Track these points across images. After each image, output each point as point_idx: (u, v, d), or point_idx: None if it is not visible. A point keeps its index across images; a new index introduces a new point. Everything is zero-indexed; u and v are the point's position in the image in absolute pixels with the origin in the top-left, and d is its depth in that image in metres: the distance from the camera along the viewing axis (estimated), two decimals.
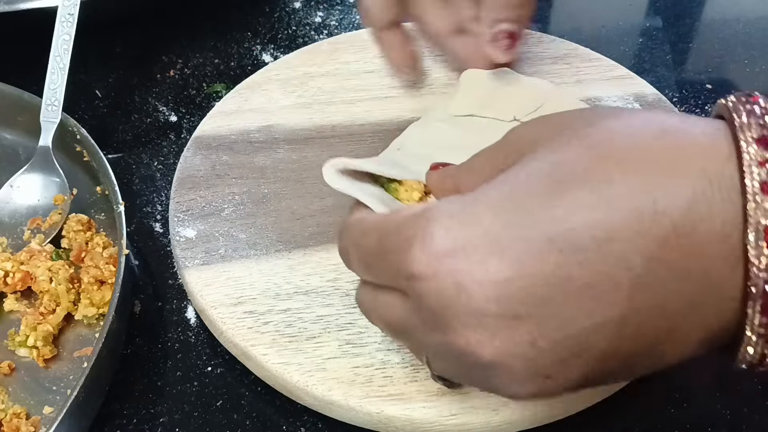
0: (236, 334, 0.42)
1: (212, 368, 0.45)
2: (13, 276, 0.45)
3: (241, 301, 0.43)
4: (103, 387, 0.42)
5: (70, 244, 0.47)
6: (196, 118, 0.58)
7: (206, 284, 0.44)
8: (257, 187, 0.49)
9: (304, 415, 0.42)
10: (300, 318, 0.43)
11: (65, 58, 0.52)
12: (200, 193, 0.49)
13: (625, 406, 0.42)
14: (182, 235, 0.47)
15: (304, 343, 0.41)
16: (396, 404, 0.39)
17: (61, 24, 0.53)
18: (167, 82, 0.61)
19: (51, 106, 0.51)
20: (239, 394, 0.44)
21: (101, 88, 0.61)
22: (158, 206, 0.53)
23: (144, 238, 0.51)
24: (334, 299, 0.43)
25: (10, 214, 0.50)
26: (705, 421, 0.42)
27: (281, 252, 0.46)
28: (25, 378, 0.44)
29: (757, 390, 0.43)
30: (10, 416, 0.41)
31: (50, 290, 0.45)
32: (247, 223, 0.47)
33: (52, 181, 0.51)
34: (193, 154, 0.51)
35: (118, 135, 0.58)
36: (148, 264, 0.50)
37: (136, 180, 0.54)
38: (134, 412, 0.43)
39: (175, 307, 0.47)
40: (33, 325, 0.44)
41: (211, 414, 0.43)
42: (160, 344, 0.46)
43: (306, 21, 0.65)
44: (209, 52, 0.63)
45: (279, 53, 0.62)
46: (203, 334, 0.46)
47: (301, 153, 0.51)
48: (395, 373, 0.40)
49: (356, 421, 0.40)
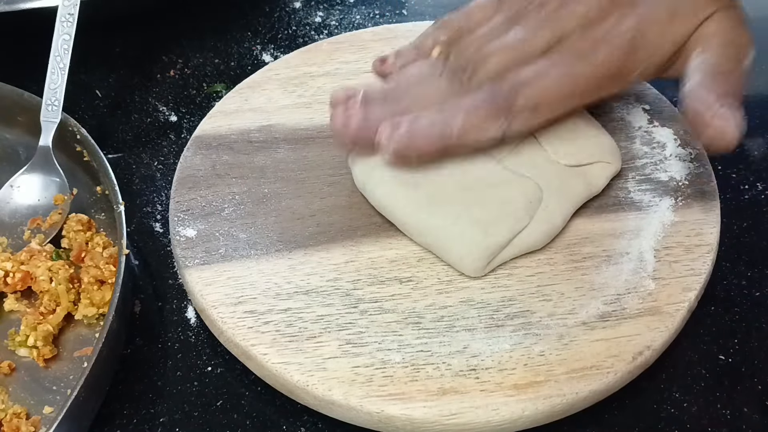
0: (236, 333, 0.42)
1: (212, 368, 0.45)
2: (13, 276, 0.45)
3: (241, 301, 0.43)
4: (103, 387, 0.42)
5: (70, 244, 0.47)
6: (196, 118, 0.58)
7: (206, 284, 0.44)
8: (257, 186, 0.49)
9: (304, 415, 0.42)
10: (300, 318, 0.43)
11: (65, 58, 0.52)
12: (200, 193, 0.49)
13: (625, 406, 0.42)
14: (182, 235, 0.47)
15: (304, 343, 0.41)
16: (396, 404, 0.39)
17: (61, 24, 0.53)
18: (167, 82, 0.61)
19: (51, 106, 0.51)
20: (239, 394, 0.44)
21: (101, 88, 0.61)
22: (158, 206, 0.53)
23: (144, 238, 0.51)
24: (335, 299, 0.43)
25: (10, 214, 0.50)
26: (705, 421, 0.42)
27: (281, 252, 0.46)
28: (25, 378, 0.44)
29: (757, 390, 0.43)
30: (10, 416, 0.41)
31: (50, 290, 0.45)
32: (248, 222, 0.47)
33: (52, 181, 0.51)
34: (193, 154, 0.51)
35: (118, 135, 0.58)
36: (148, 264, 0.50)
37: (136, 180, 0.54)
38: (134, 412, 0.43)
39: (175, 307, 0.47)
40: (33, 325, 0.44)
41: (211, 414, 0.43)
42: (160, 344, 0.46)
43: (306, 21, 0.65)
44: (209, 52, 0.63)
45: (279, 53, 0.62)
46: (203, 334, 0.46)
47: (301, 153, 0.51)
48: (395, 372, 0.40)
49: (356, 420, 0.40)
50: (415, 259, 0.45)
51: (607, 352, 0.40)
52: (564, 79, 0.43)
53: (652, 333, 0.41)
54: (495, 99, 0.43)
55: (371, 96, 0.46)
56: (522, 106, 0.43)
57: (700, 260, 0.44)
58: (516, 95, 0.43)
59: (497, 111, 0.43)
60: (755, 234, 0.50)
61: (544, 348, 0.41)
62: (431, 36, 0.49)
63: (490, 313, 0.42)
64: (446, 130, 0.43)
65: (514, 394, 0.39)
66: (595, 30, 0.44)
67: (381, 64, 0.50)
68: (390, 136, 0.43)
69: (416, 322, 0.42)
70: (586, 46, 0.44)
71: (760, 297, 0.47)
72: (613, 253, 0.45)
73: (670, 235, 0.45)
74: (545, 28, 0.44)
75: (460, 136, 0.43)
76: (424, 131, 0.43)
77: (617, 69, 0.44)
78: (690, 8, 0.44)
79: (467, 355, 0.41)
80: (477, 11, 0.49)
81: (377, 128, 0.44)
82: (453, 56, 0.46)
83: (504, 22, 0.46)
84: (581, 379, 0.40)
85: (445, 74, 0.45)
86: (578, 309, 0.42)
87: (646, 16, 0.44)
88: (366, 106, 0.45)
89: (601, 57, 0.43)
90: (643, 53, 0.44)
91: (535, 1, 0.46)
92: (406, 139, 0.43)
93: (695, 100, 0.42)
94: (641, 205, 0.47)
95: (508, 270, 0.44)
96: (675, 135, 0.51)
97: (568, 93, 0.44)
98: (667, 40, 0.44)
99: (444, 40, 0.48)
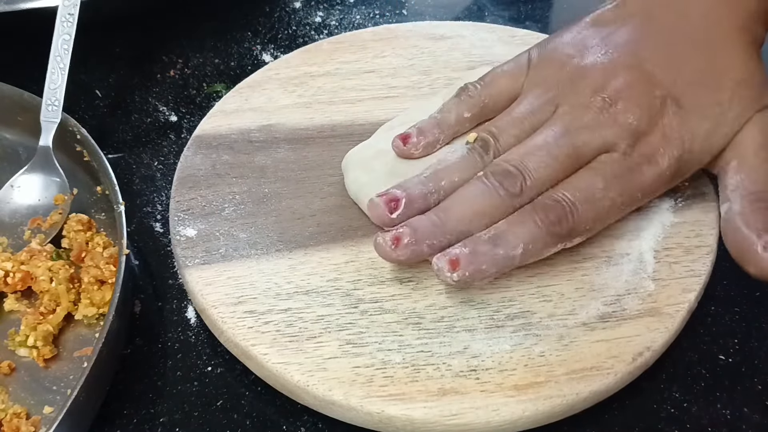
0: (237, 333, 0.42)
1: (212, 368, 0.45)
2: (13, 276, 0.45)
3: (241, 301, 0.43)
4: (103, 387, 0.42)
5: (71, 243, 0.47)
6: (196, 117, 0.58)
7: (207, 284, 0.44)
8: (258, 186, 0.49)
9: (304, 415, 0.43)
10: (300, 318, 0.43)
11: (65, 58, 0.52)
12: (201, 193, 0.49)
13: (625, 406, 0.42)
14: (183, 235, 0.47)
15: (304, 343, 0.41)
16: (397, 404, 0.39)
17: (61, 24, 0.53)
18: (167, 82, 0.61)
19: (51, 106, 0.51)
20: (239, 394, 0.44)
21: (101, 88, 0.61)
22: (158, 206, 0.53)
23: (144, 238, 0.51)
24: (335, 299, 0.43)
25: (11, 214, 0.50)
26: (705, 421, 0.42)
27: (282, 251, 0.46)
28: (25, 378, 0.44)
29: (757, 390, 0.43)
30: (10, 416, 0.41)
31: (50, 290, 0.45)
32: (248, 222, 0.47)
33: (53, 181, 0.51)
34: (193, 154, 0.51)
35: (118, 135, 0.58)
36: (148, 264, 0.50)
37: (136, 180, 0.54)
38: (134, 412, 0.43)
39: (175, 307, 0.47)
40: (33, 325, 0.44)
41: (211, 414, 0.43)
42: (160, 344, 0.46)
43: (306, 21, 0.65)
44: (209, 52, 0.63)
45: (279, 53, 0.62)
46: (203, 334, 0.46)
47: (301, 153, 0.51)
48: (396, 372, 0.40)
49: (357, 421, 0.40)
50: None
51: (607, 353, 0.40)
52: (618, 199, 0.43)
53: (652, 334, 0.41)
54: (553, 229, 0.41)
55: (414, 202, 0.44)
56: (580, 231, 0.42)
57: (700, 261, 0.44)
58: (573, 221, 0.42)
59: (556, 239, 0.42)
60: None
61: (544, 348, 0.41)
62: (453, 111, 0.48)
63: (490, 313, 0.42)
64: (507, 263, 0.41)
65: (515, 395, 0.39)
66: (643, 146, 0.43)
67: (404, 144, 0.47)
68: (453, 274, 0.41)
69: (416, 323, 0.42)
70: (635, 163, 0.43)
71: (760, 297, 0.47)
72: (613, 254, 0.45)
73: (670, 236, 0.45)
74: (594, 135, 0.43)
75: (522, 261, 0.42)
76: (488, 263, 0.41)
77: (665, 185, 0.44)
78: (735, 117, 0.44)
79: (467, 356, 0.41)
80: (502, 82, 0.48)
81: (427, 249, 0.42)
82: (492, 151, 0.45)
83: (539, 109, 0.45)
84: (581, 379, 0.40)
85: (490, 181, 0.43)
86: (578, 310, 0.42)
87: (694, 129, 0.43)
88: (412, 223, 0.42)
89: (651, 176, 0.43)
90: (688, 167, 0.44)
91: (576, 88, 0.45)
92: (470, 274, 0.41)
93: (736, 234, 0.42)
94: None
95: None
96: None
97: (620, 211, 0.44)
98: (710, 153, 0.44)
99: (468, 117, 0.48)
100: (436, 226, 0.42)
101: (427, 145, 0.47)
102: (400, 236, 0.42)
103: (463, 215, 0.42)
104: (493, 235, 0.41)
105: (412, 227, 0.42)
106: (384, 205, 0.44)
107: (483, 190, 0.43)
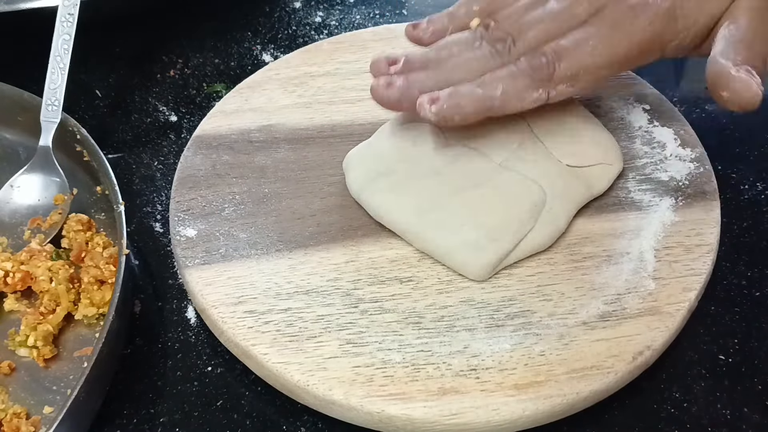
0: (237, 333, 0.42)
1: (212, 368, 0.45)
2: (13, 276, 0.45)
3: (241, 301, 0.43)
4: (103, 387, 0.42)
5: (70, 243, 0.47)
6: (196, 117, 0.58)
7: (207, 284, 0.44)
8: (258, 186, 0.49)
9: (304, 414, 0.42)
10: (300, 317, 0.43)
11: (65, 58, 0.52)
12: (201, 193, 0.49)
13: (625, 406, 0.42)
14: (183, 235, 0.46)
15: (304, 343, 0.41)
16: (397, 404, 0.39)
17: (61, 24, 0.53)
18: (167, 82, 0.61)
19: (51, 106, 0.51)
20: (239, 394, 0.44)
21: (101, 88, 0.61)
22: (158, 206, 0.53)
23: (144, 238, 0.51)
24: (335, 299, 0.43)
25: (11, 214, 0.50)
26: (705, 421, 0.42)
27: (282, 251, 0.46)
28: (25, 378, 0.44)
29: (757, 390, 0.43)
30: (10, 416, 0.41)
31: (50, 290, 0.45)
32: (248, 222, 0.47)
33: (53, 181, 0.51)
34: (193, 154, 0.51)
35: (118, 135, 0.58)
36: (148, 264, 0.50)
37: (136, 180, 0.54)
38: (134, 412, 0.43)
39: (175, 307, 0.47)
40: (33, 325, 0.44)
41: (211, 414, 0.43)
42: (160, 344, 0.46)
43: (306, 21, 0.65)
44: (209, 52, 0.63)
45: (279, 53, 0.62)
46: (203, 334, 0.46)
47: (301, 153, 0.51)
48: (396, 372, 0.40)
49: (357, 420, 0.40)
50: (416, 259, 0.45)
51: (607, 352, 0.40)
52: (602, 49, 0.44)
53: (652, 333, 0.41)
54: (534, 70, 0.43)
55: (412, 62, 0.46)
56: (561, 76, 0.44)
57: (701, 260, 0.44)
58: (555, 65, 0.43)
59: (537, 81, 0.44)
60: (755, 234, 0.50)
61: (544, 348, 0.41)
62: (464, 5, 0.49)
63: (491, 313, 0.42)
64: (488, 101, 0.44)
65: (515, 394, 0.39)
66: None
67: (414, 30, 0.50)
68: (431, 107, 0.43)
69: (416, 322, 0.42)
70: (623, 15, 0.44)
71: (760, 297, 0.47)
72: (614, 253, 0.45)
73: (671, 235, 0.45)
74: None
75: (501, 105, 0.44)
76: (467, 100, 0.44)
77: (654, 38, 0.44)
78: None
79: (468, 355, 0.41)
80: None
81: (418, 94, 0.44)
82: (492, 27, 0.47)
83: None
84: (582, 379, 0.40)
85: (484, 44, 0.46)
86: (578, 309, 0.42)
87: None
88: (407, 73, 0.46)
89: (639, 26, 0.44)
90: (680, 23, 0.44)
91: None
92: (447, 108, 0.43)
93: (714, 66, 0.43)
94: (641, 205, 0.47)
95: (508, 270, 0.44)
96: (675, 135, 0.51)
97: (605, 62, 0.44)
98: (704, 12, 0.44)
99: (477, 10, 0.49)
100: (428, 74, 0.45)
101: (436, 32, 0.49)
102: (393, 81, 0.45)
103: (455, 65, 0.45)
104: (478, 81, 0.44)
105: (405, 75, 0.46)
106: (384, 60, 0.47)
107: (476, 48, 0.46)
